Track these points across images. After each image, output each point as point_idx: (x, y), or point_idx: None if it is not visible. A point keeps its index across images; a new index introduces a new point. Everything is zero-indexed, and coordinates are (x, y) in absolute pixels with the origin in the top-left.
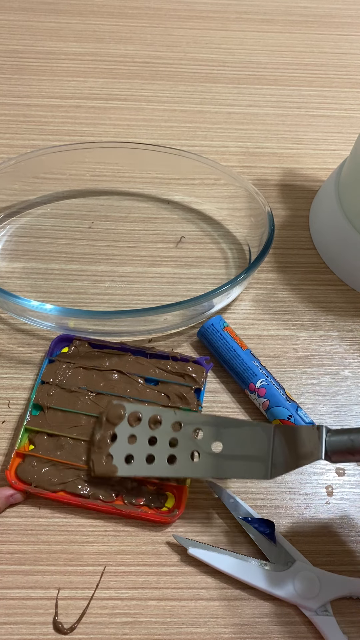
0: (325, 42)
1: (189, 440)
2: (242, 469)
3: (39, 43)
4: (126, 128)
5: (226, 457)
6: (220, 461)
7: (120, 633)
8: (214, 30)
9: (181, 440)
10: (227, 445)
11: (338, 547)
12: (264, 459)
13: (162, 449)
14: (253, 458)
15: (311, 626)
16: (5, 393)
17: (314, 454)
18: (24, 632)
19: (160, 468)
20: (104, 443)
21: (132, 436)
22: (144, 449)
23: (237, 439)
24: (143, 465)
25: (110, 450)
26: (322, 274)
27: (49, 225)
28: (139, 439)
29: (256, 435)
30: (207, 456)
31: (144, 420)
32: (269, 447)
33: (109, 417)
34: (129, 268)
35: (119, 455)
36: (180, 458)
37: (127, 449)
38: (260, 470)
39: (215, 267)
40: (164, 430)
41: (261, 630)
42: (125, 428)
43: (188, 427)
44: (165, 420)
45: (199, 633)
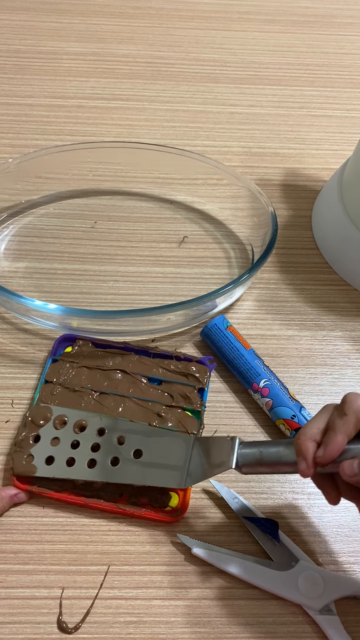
0: (327, 43)
1: (111, 446)
2: (159, 476)
3: (41, 43)
4: (128, 128)
5: (146, 465)
6: (139, 468)
7: (124, 632)
8: (216, 31)
9: (103, 446)
10: (147, 453)
11: (342, 547)
12: (180, 468)
13: (84, 452)
14: (171, 467)
15: (315, 626)
16: (8, 392)
17: (225, 463)
18: (28, 632)
19: (80, 471)
20: (26, 443)
21: (56, 438)
22: (65, 451)
23: (158, 448)
24: (63, 467)
25: (31, 451)
26: (325, 274)
27: (51, 225)
28: (62, 441)
29: (176, 445)
30: (127, 462)
31: (69, 424)
32: (187, 457)
33: (33, 419)
34: (131, 268)
35: (40, 456)
36: (101, 462)
37: (49, 450)
38: (176, 478)
39: (218, 267)
40: (88, 435)
41: (265, 630)
42: (50, 430)
43: (112, 433)
44: (90, 425)
45: (202, 632)
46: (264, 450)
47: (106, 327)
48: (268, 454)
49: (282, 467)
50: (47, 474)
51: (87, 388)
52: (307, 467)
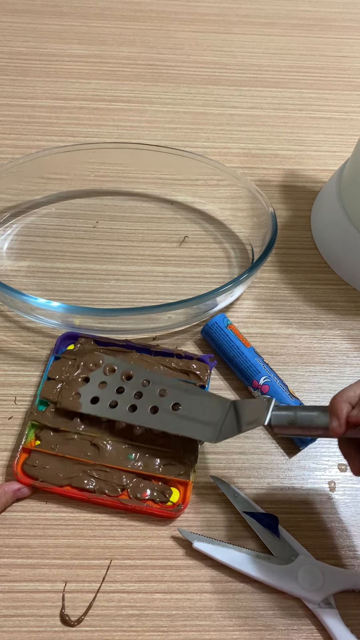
0: (326, 46)
1: (153, 396)
2: (194, 429)
3: (42, 45)
4: (129, 129)
5: (182, 417)
6: (176, 419)
7: (126, 625)
8: (216, 33)
9: (146, 395)
10: (185, 408)
11: (340, 541)
12: (215, 425)
13: (127, 398)
14: (205, 423)
15: (314, 619)
16: (11, 390)
17: (259, 420)
18: (31, 625)
19: (121, 413)
20: (75, 382)
21: (103, 382)
22: (111, 394)
23: (196, 404)
24: (106, 407)
25: (80, 390)
26: (324, 273)
27: (53, 224)
28: (108, 385)
29: (213, 404)
30: (165, 412)
31: (118, 373)
32: (222, 416)
33: (86, 363)
34: (133, 267)
35: (87, 396)
36: (141, 409)
37: (95, 392)
38: (208, 433)
39: (218, 266)
40: (134, 384)
41: (265, 623)
42: (99, 375)
43: (155, 385)
44: (136, 376)
45: (203, 625)
46: (298, 413)
47: (108, 325)
48: (301, 417)
49: (314, 430)
50: (91, 411)
51: None
52: (339, 426)
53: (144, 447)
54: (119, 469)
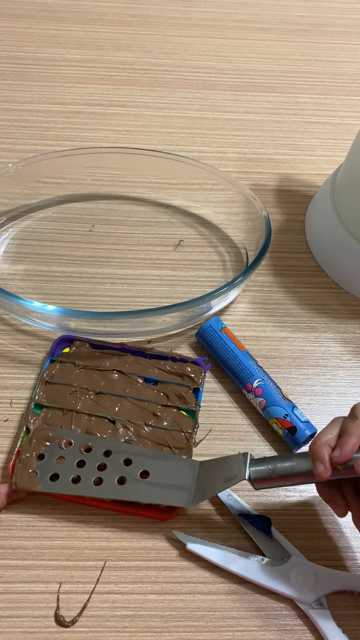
0: (321, 51)
1: (117, 466)
2: (166, 495)
3: (40, 50)
4: (125, 134)
5: (152, 484)
6: (146, 487)
7: (120, 626)
8: (212, 39)
9: (110, 466)
10: (154, 474)
11: (332, 543)
12: (187, 488)
13: (90, 471)
14: (177, 487)
15: (306, 619)
16: (7, 392)
17: (238, 475)
18: (26, 625)
19: (86, 488)
20: (30, 460)
21: (61, 457)
22: (71, 469)
23: (164, 470)
24: (68, 483)
25: (35, 467)
26: (318, 277)
27: (50, 228)
28: (67, 460)
29: (182, 468)
30: (134, 481)
31: (75, 445)
32: (193, 478)
33: (37, 438)
34: (128, 270)
35: (45, 473)
36: (108, 481)
37: (53, 468)
38: (183, 497)
39: (213, 269)
40: (94, 455)
41: (258, 624)
42: (55, 449)
43: (118, 454)
44: (96, 447)
45: (197, 626)
46: (276, 464)
47: (103, 328)
48: (281, 468)
49: (296, 478)
50: (52, 490)
51: (84, 388)
52: (325, 470)
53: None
54: None
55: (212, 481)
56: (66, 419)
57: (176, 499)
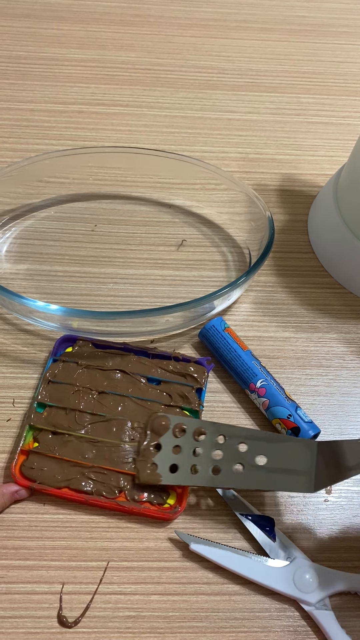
0: (323, 51)
1: (233, 452)
2: (286, 481)
3: (42, 49)
4: (128, 133)
5: (270, 470)
6: (264, 474)
7: (123, 627)
8: (214, 38)
9: (225, 453)
10: (271, 459)
11: (336, 544)
12: (307, 473)
13: (207, 459)
14: (296, 472)
15: (310, 620)
16: (10, 392)
17: None
18: (28, 626)
19: (205, 478)
20: (148, 452)
21: (177, 446)
22: (188, 459)
23: (280, 454)
24: (187, 475)
25: (154, 459)
26: (321, 277)
27: (52, 228)
28: (183, 449)
29: (299, 450)
30: (251, 468)
31: (189, 432)
32: (312, 461)
33: (153, 428)
34: (131, 270)
35: (164, 465)
36: (225, 469)
37: (171, 458)
38: (304, 483)
39: (215, 269)
40: (209, 442)
41: (261, 625)
42: (170, 439)
43: (232, 440)
44: (209, 432)
45: (200, 627)
46: None
47: (106, 328)
48: None
49: None
50: (173, 482)
51: (87, 387)
52: None
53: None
54: (117, 471)
55: (336, 466)
56: (69, 418)
57: (297, 486)
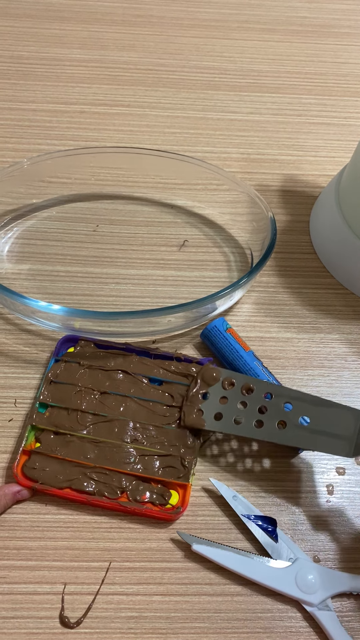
0: (325, 52)
1: (278, 410)
2: (327, 444)
3: (44, 49)
4: (129, 134)
5: (312, 431)
6: (306, 434)
7: (125, 627)
8: (216, 39)
9: (270, 409)
10: (314, 421)
11: (338, 545)
12: (349, 438)
13: (252, 413)
14: (338, 436)
15: (312, 621)
16: (11, 392)
17: None
18: (31, 626)
19: (248, 429)
20: (196, 398)
21: (224, 397)
22: (233, 410)
23: (324, 417)
24: (230, 423)
25: (201, 406)
26: (322, 277)
27: (54, 228)
28: (230, 400)
29: (343, 416)
30: (294, 427)
31: (237, 386)
32: (355, 429)
33: (203, 377)
34: (133, 270)
35: (209, 412)
36: (268, 424)
37: (217, 407)
38: (344, 447)
39: (217, 270)
40: (256, 397)
41: (263, 625)
42: (218, 390)
43: (279, 398)
44: (257, 389)
45: (202, 628)
46: None
47: (108, 328)
48: None
49: None
50: (216, 428)
51: (89, 387)
52: None
53: (143, 449)
54: (119, 472)
55: None
56: (71, 418)
57: (337, 449)
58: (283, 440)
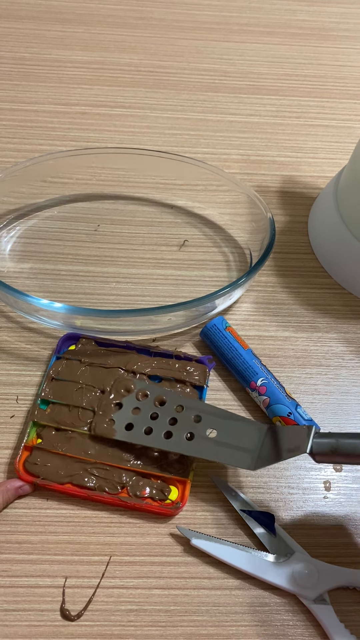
0: (324, 55)
1: (187, 422)
2: (230, 456)
3: (45, 51)
4: (130, 135)
5: (218, 444)
6: (212, 446)
7: (125, 620)
8: (216, 41)
9: (180, 421)
10: (221, 434)
11: (335, 539)
12: (252, 452)
13: (162, 424)
14: (242, 449)
15: (309, 614)
16: (13, 389)
17: (300, 448)
18: (32, 619)
19: (157, 440)
20: (108, 408)
21: (137, 408)
22: (145, 421)
23: (231, 430)
24: (141, 434)
25: (113, 415)
26: (321, 277)
27: (56, 227)
28: (142, 411)
29: (249, 430)
30: (201, 439)
31: (151, 398)
32: (259, 442)
33: (117, 388)
34: (133, 270)
35: (121, 422)
36: (177, 436)
37: (129, 418)
38: (247, 460)
39: (217, 269)
40: (167, 410)
41: (261, 619)
42: (132, 400)
43: (189, 411)
44: (169, 401)
45: (201, 621)
46: (340, 440)
47: (109, 326)
48: (344, 444)
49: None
50: (126, 438)
51: (90, 385)
52: None
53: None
54: (119, 467)
55: (276, 449)
56: (72, 415)
57: (240, 461)
58: (189, 451)
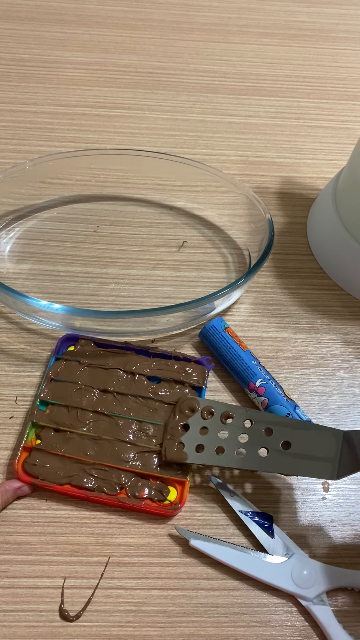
0: (323, 56)
1: (258, 436)
2: (309, 468)
3: (45, 52)
4: (129, 136)
5: (294, 456)
6: (288, 459)
7: (124, 621)
8: (215, 43)
9: (251, 436)
10: (296, 445)
11: (333, 540)
12: (331, 461)
13: (233, 441)
14: (320, 459)
15: (307, 615)
16: (12, 390)
17: None
18: (31, 619)
19: (230, 459)
20: (176, 431)
21: (204, 428)
22: (214, 440)
23: (305, 440)
24: (212, 455)
25: (182, 439)
26: (319, 278)
27: (55, 228)
28: (210, 431)
29: (325, 438)
30: (275, 453)
31: (217, 415)
32: (337, 450)
33: (181, 409)
34: (132, 271)
35: (190, 444)
36: (249, 452)
37: (198, 439)
38: (327, 470)
39: (216, 270)
40: (235, 425)
41: (260, 619)
42: (198, 420)
43: (259, 424)
44: (236, 416)
45: (199, 621)
46: None
47: (108, 327)
48: None
49: None
50: (198, 461)
51: (89, 386)
52: None
53: (142, 446)
54: (118, 468)
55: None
56: (71, 415)
57: (321, 472)
58: (266, 468)
